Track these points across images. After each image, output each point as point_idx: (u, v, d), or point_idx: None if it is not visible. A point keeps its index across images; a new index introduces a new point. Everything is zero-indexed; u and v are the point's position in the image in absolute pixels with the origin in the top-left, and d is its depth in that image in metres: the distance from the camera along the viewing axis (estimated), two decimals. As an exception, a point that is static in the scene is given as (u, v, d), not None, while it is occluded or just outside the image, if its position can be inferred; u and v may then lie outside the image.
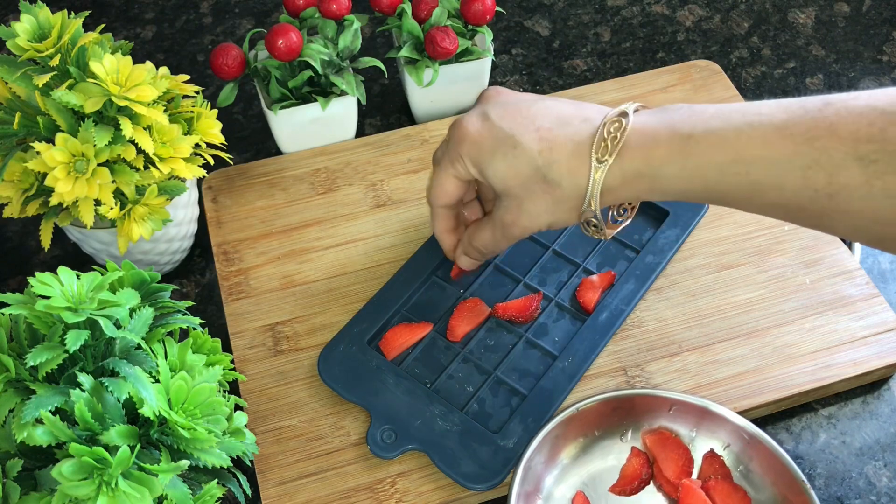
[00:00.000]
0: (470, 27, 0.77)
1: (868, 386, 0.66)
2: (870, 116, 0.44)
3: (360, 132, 0.82)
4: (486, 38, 0.77)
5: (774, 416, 0.64)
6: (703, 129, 0.49)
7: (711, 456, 0.59)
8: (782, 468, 0.56)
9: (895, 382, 0.66)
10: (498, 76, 0.88)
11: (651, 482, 0.59)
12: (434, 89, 0.78)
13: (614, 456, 0.60)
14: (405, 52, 0.75)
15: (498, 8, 0.77)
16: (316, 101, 0.74)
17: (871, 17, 0.93)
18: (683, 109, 0.51)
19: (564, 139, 0.53)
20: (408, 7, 0.76)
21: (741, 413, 0.62)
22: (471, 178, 0.58)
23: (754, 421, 0.63)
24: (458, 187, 0.59)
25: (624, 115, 0.52)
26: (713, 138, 0.48)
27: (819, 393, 0.64)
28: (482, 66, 0.78)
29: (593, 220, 0.54)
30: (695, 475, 0.59)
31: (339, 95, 0.74)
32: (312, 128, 0.76)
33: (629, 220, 0.57)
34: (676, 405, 0.59)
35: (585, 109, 0.54)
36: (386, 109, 0.86)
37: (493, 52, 0.79)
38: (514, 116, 0.54)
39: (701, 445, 0.59)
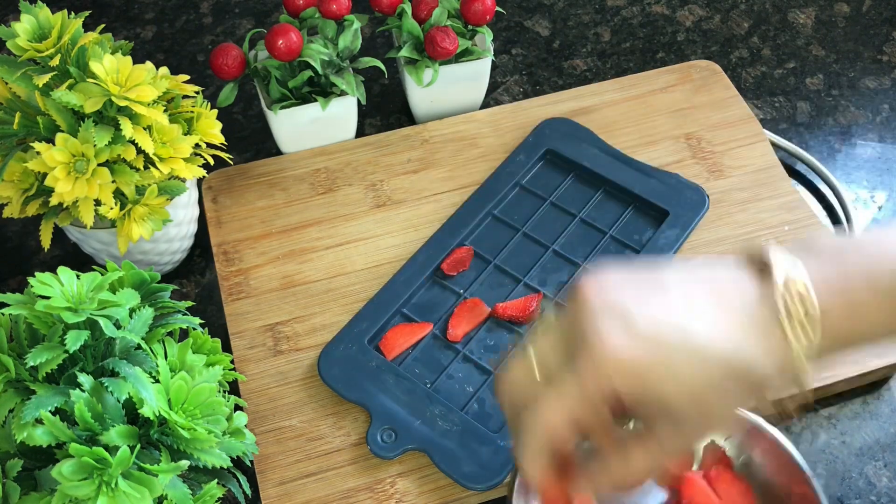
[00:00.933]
0: (470, 27, 0.77)
1: (868, 386, 0.66)
2: None
3: (360, 132, 0.82)
4: (486, 38, 0.77)
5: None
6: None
7: (713, 446, 0.58)
8: (784, 457, 0.55)
9: (895, 382, 0.66)
10: (498, 76, 0.88)
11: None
12: (434, 89, 0.78)
13: None
14: (405, 52, 0.75)
15: (498, 8, 0.77)
16: (316, 101, 0.74)
17: (871, 17, 0.93)
18: (854, 252, 0.43)
19: (740, 317, 0.42)
20: (408, 7, 0.76)
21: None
22: (607, 407, 0.43)
23: (754, 421, 0.63)
24: (576, 422, 0.42)
25: (793, 283, 0.42)
26: None
27: (819, 393, 0.64)
28: (482, 66, 0.78)
29: (802, 397, 0.44)
30: (696, 466, 0.58)
31: (339, 95, 0.74)
32: (312, 128, 0.76)
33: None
34: None
35: (721, 273, 0.43)
36: (386, 109, 0.86)
37: (493, 52, 0.79)
38: (664, 313, 0.41)
39: None
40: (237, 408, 0.53)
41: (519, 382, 0.44)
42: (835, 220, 0.76)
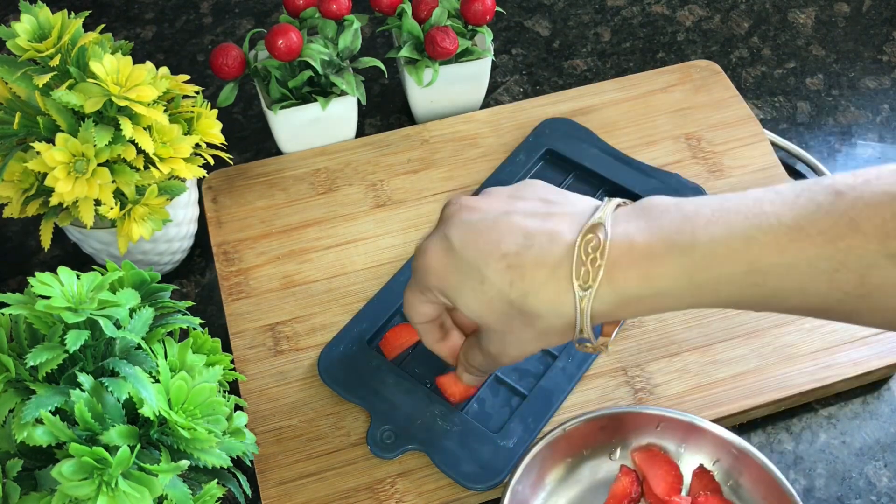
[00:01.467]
0: (470, 27, 0.77)
1: (868, 386, 0.66)
2: (892, 207, 0.40)
3: (360, 132, 0.82)
4: (486, 38, 0.77)
5: (774, 416, 0.64)
6: (707, 239, 0.43)
7: (701, 471, 0.58)
8: (772, 482, 0.55)
9: (895, 382, 0.66)
10: (498, 76, 0.88)
11: (641, 501, 0.58)
12: (434, 89, 0.78)
13: (603, 475, 0.59)
14: (405, 52, 0.75)
15: (498, 8, 0.77)
16: (316, 101, 0.74)
17: (871, 17, 0.93)
18: (672, 213, 0.45)
19: (535, 264, 0.46)
20: (408, 7, 0.76)
21: (741, 413, 0.62)
22: (444, 303, 0.52)
23: (754, 421, 0.63)
24: (433, 308, 0.53)
25: (597, 227, 0.45)
26: (720, 249, 0.43)
27: (819, 393, 0.64)
28: (482, 66, 0.78)
29: (587, 342, 0.48)
30: (684, 492, 0.58)
31: (339, 95, 0.74)
32: (312, 128, 0.76)
33: (619, 328, 0.52)
34: (664, 421, 0.58)
35: (554, 221, 0.47)
36: (386, 109, 0.86)
37: (493, 52, 0.79)
38: (477, 241, 0.48)
39: (690, 461, 0.59)
40: (237, 408, 0.53)
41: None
42: (835, 220, 0.76)
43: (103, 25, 0.64)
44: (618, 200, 0.47)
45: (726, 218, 0.43)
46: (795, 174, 0.80)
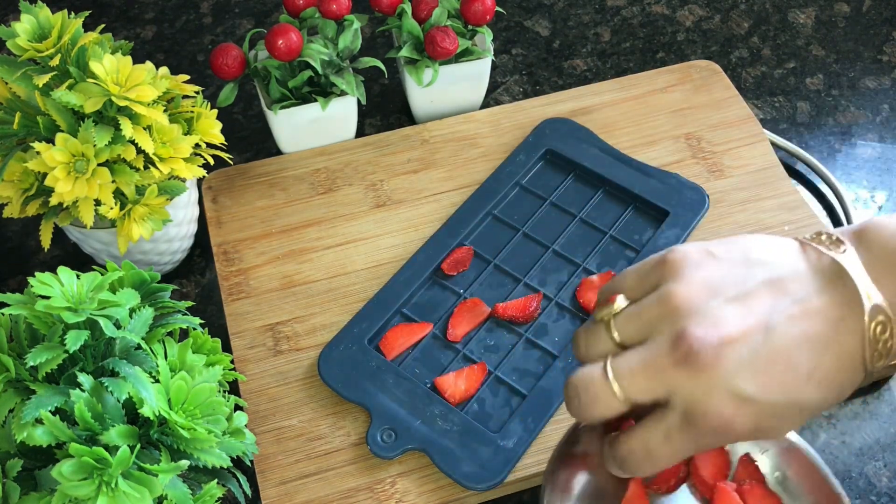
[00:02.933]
0: (470, 27, 0.77)
1: (868, 386, 0.66)
2: None
3: (360, 132, 0.82)
4: (486, 38, 0.77)
5: (774, 416, 0.64)
6: None
7: (747, 460, 0.58)
8: (819, 478, 0.54)
9: (895, 382, 0.66)
10: (498, 76, 0.88)
11: (687, 481, 0.58)
12: (434, 89, 0.78)
13: None
14: (405, 52, 0.75)
15: (498, 8, 0.77)
16: (316, 101, 0.74)
17: (871, 17, 0.93)
18: None
19: (837, 368, 0.43)
20: (408, 7, 0.76)
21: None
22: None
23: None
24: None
25: (879, 309, 0.42)
26: None
27: (819, 393, 0.64)
28: (482, 66, 0.78)
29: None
30: (730, 478, 0.58)
31: (339, 95, 0.74)
32: (312, 128, 0.76)
33: None
34: None
35: (810, 303, 0.43)
36: (386, 109, 0.86)
37: (493, 52, 0.79)
38: (775, 377, 0.42)
39: (738, 448, 0.58)
40: (237, 408, 0.53)
41: (598, 347, 0.46)
42: (835, 220, 0.76)
43: (103, 25, 0.64)
44: (840, 253, 0.43)
45: None
46: (795, 174, 0.80)
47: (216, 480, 0.50)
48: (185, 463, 0.46)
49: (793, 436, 0.56)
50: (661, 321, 0.43)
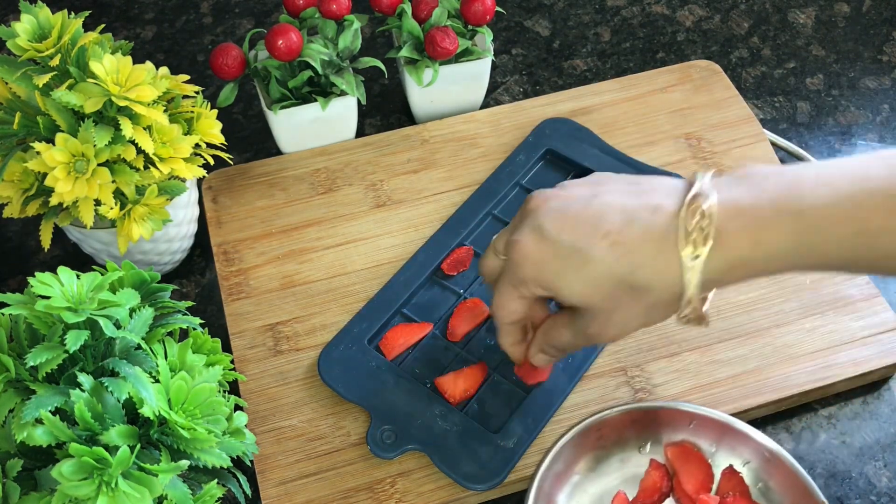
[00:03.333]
0: (470, 27, 0.77)
1: (868, 386, 0.66)
2: None
3: (360, 132, 0.82)
4: (486, 38, 0.77)
5: (774, 416, 0.64)
6: (815, 202, 0.44)
7: (730, 472, 0.58)
8: (802, 487, 0.54)
9: (895, 382, 0.66)
10: (498, 76, 0.88)
11: (670, 496, 0.58)
12: (434, 89, 0.78)
13: (631, 469, 0.59)
14: (405, 52, 0.75)
15: (498, 8, 0.77)
16: (316, 101, 0.74)
17: (871, 17, 0.93)
18: (773, 178, 0.45)
19: (641, 238, 0.46)
20: (408, 7, 0.76)
21: (741, 413, 0.62)
22: (539, 296, 0.52)
23: (754, 421, 0.63)
24: (525, 304, 0.53)
25: (699, 196, 0.45)
26: (828, 212, 0.43)
27: (819, 393, 0.64)
28: (482, 66, 0.78)
29: (692, 314, 0.48)
30: (713, 491, 0.58)
31: (339, 95, 0.74)
32: (312, 128, 0.76)
33: (710, 300, 0.51)
34: (697, 419, 0.58)
35: (651, 195, 0.48)
36: (386, 109, 0.86)
37: (493, 52, 0.79)
38: (573, 225, 0.48)
39: (720, 461, 0.58)
40: (237, 408, 0.53)
41: (487, 268, 0.56)
42: (835, 220, 0.76)
43: (103, 25, 0.64)
44: (712, 171, 0.47)
45: (832, 182, 0.44)
46: (795, 174, 0.80)
47: (216, 480, 0.50)
48: (185, 463, 0.46)
49: (773, 445, 0.56)
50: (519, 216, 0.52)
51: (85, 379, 0.46)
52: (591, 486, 0.58)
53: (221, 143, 0.65)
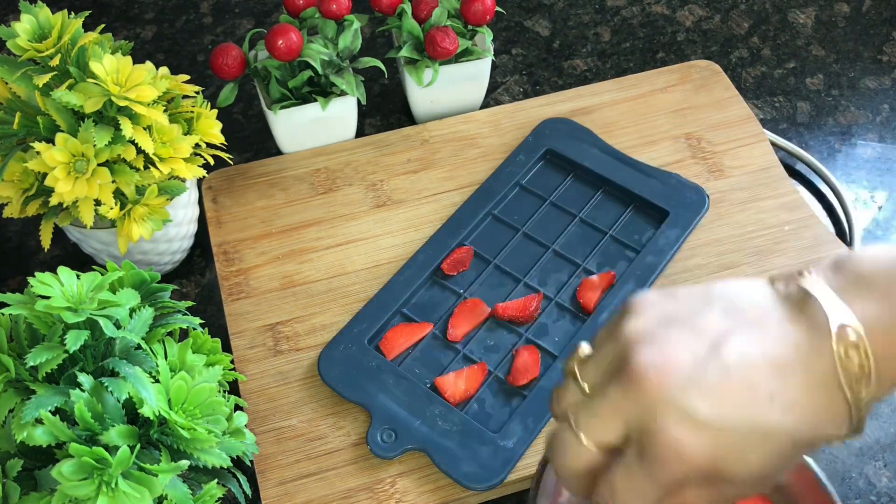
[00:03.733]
0: (470, 27, 0.77)
1: (868, 386, 0.66)
2: None
3: (360, 132, 0.82)
4: (486, 38, 0.77)
5: (774, 416, 0.64)
6: None
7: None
8: (822, 493, 0.53)
9: (895, 382, 0.66)
10: (498, 76, 0.88)
11: None
12: (434, 89, 0.78)
13: None
14: (405, 52, 0.75)
15: (498, 8, 0.77)
16: (316, 101, 0.74)
17: (871, 17, 0.93)
18: (880, 279, 0.40)
19: (807, 394, 0.39)
20: (408, 7, 0.76)
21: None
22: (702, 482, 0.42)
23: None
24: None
25: (845, 329, 0.39)
26: None
27: (819, 393, 0.64)
28: (482, 66, 0.78)
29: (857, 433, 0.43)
30: None
31: (339, 95, 0.74)
32: (312, 128, 0.76)
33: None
34: None
35: (771, 329, 0.40)
36: (386, 109, 0.86)
37: (493, 52, 0.79)
38: (730, 397, 0.39)
39: None
40: (237, 408, 0.53)
41: (565, 402, 0.43)
42: (835, 220, 0.76)
43: (103, 25, 0.64)
44: (809, 279, 0.41)
45: None
46: (795, 174, 0.80)
47: (216, 480, 0.50)
48: (185, 463, 0.46)
49: (809, 461, 0.55)
50: (616, 358, 0.41)
51: (85, 379, 0.46)
52: None
53: (221, 143, 0.65)
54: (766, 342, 0.40)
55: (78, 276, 0.47)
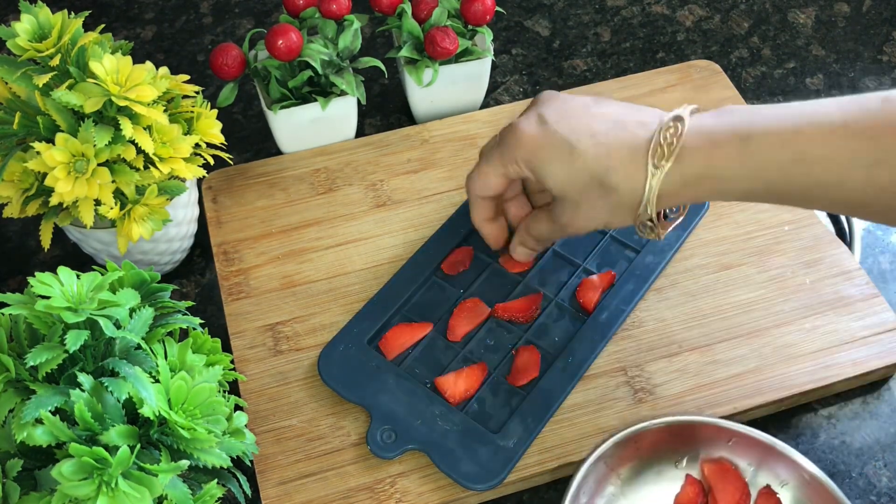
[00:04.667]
0: (470, 27, 0.77)
1: (868, 386, 0.66)
2: None
3: (360, 132, 0.82)
4: (486, 38, 0.77)
5: (774, 416, 0.64)
6: (763, 130, 0.49)
7: (767, 492, 0.57)
8: None
9: (895, 382, 0.66)
10: (498, 76, 0.88)
11: None
12: (434, 89, 0.78)
13: (666, 483, 0.58)
14: (405, 52, 0.75)
15: (498, 8, 0.77)
16: (316, 101, 0.74)
17: (871, 17, 0.93)
18: (741, 111, 0.51)
19: (621, 144, 0.53)
20: (408, 7, 0.76)
21: (741, 413, 0.62)
22: (521, 177, 0.58)
23: (754, 421, 0.63)
24: (503, 184, 0.60)
25: (679, 119, 0.52)
26: (773, 138, 0.49)
27: (819, 393, 0.64)
28: (482, 66, 0.78)
29: (648, 222, 0.54)
30: None
31: (339, 95, 0.74)
32: (312, 128, 0.76)
33: (681, 218, 0.58)
34: (736, 437, 0.58)
35: (642, 113, 0.55)
36: (386, 109, 0.86)
37: (493, 52, 0.79)
38: (570, 121, 0.55)
39: (758, 480, 0.58)
40: (237, 408, 0.53)
41: (484, 148, 0.61)
42: (835, 219, 0.76)
43: (103, 25, 0.64)
44: (694, 105, 0.54)
45: (782, 113, 0.50)
46: (795, 174, 0.80)
47: (216, 480, 0.50)
48: (185, 463, 0.46)
49: (813, 467, 0.56)
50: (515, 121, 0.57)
51: (85, 379, 0.46)
52: (625, 499, 0.58)
53: (221, 143, 0.65)
54: (628, 112, 0.55)
55: (78, 276, 0.47)
